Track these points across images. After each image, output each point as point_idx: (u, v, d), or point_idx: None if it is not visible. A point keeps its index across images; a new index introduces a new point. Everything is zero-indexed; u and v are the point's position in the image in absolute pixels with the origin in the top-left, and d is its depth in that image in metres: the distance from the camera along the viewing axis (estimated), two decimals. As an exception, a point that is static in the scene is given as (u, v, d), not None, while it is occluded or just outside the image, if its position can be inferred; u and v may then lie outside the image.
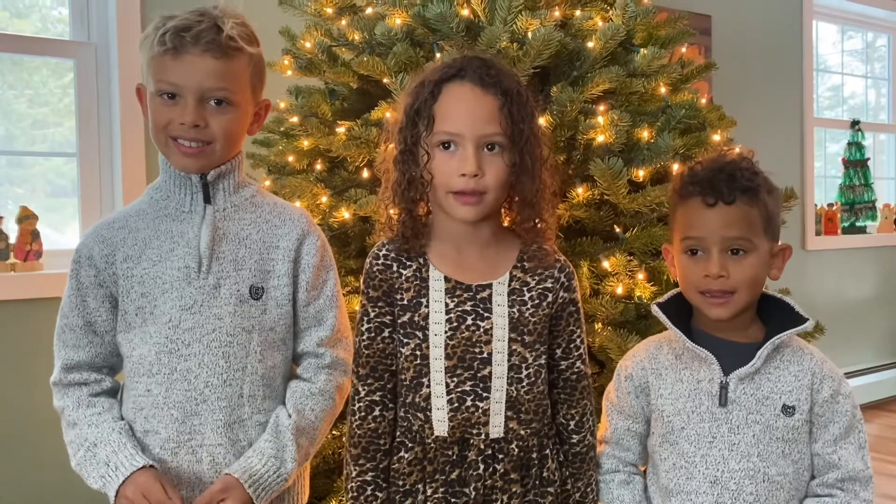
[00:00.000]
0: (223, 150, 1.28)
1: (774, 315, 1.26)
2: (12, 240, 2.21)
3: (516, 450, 1.23)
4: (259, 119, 1.36)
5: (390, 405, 1.25)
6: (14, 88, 2.38)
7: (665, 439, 1.25)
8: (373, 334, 1.25)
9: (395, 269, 1.24)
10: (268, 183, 1.94)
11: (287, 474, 1.26)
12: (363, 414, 1.25)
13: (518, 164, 1.20)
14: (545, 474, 1.25)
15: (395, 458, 1.24)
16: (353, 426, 1.26)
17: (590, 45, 1.77)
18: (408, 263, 1.24)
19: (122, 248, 1.28)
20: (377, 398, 1.25)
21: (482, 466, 1.21)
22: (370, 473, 1.24)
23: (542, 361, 1.25)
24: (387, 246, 1.26)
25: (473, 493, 1.20)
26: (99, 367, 1.30)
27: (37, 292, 2.17)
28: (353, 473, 1.25)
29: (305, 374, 1.35)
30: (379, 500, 1.24)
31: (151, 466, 1.20)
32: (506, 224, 1.30)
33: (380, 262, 1.25)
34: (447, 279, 1.23)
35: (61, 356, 1.29)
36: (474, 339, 1.22)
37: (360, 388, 1.25)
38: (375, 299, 1.25)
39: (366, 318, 1.26)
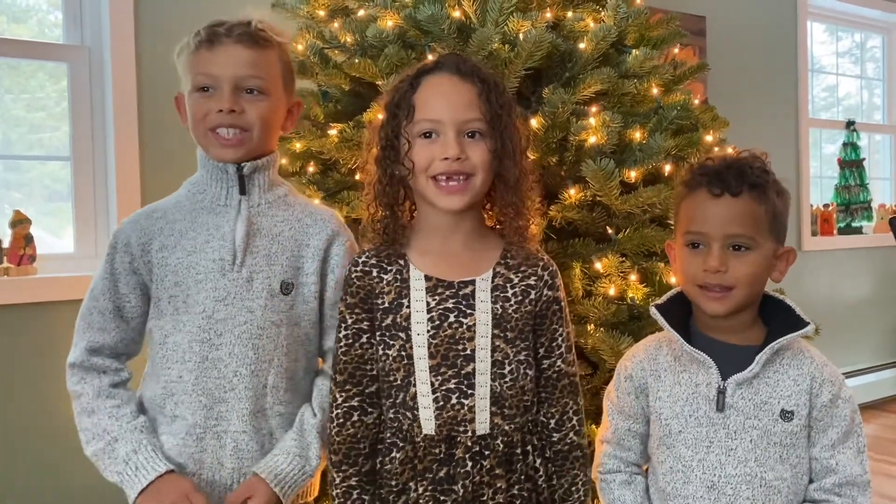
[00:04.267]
0: (260, 139, 1.33)
1: (776, 317, 1.25)
2: (6, 244, 2.20)
3: (501, 445, 1.23)
4: (292, 117, 1.41)
5: (370, 409, 1.27)
6: (10, 93, 2.38)
7: (662, 442, 1.25)
8: (350, 341, 1.27)
9: (374, 274, 1.26)
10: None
11: (312, 471, 1.31)
12: (342, 420, 1.26)
13: (500, 149, 1.22)
14: (527, 469, 1.25)
15: (388, 458, 1.25)
16: (332, 433, 1.27)
17: (581, 46, 1.77)
18: (388, 267, 1.26)
19: (159, 238, 1.32)
20: (355, 404, 1.26)
21: (470, 463, 1.22)
22: (354, 478, 1.25)
23: (523, 357, 1.26)
24: (366, 253, 1.28)
25: (461, 490, 1.21)
26: (120, 353, 1.34)
27: (30, 297, 2.16)
28: (338, 480, 1.26)
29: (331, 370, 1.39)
30: (366, 503, 1.25)
31: (171, 471, 1.24)
32: (489, 224, 1.31)
33: (358, 268, 1.27)
34: (428, 278, 1.24)
35: (86, 337, 1.31)
36: (457, 337, 1.23)
37: (338, 395, 1.27)
38: (352, 306, 1.27)
39: (343, 325, 1.28)
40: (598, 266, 1.67)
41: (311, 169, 1.91)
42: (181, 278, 1.30)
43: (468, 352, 1.22)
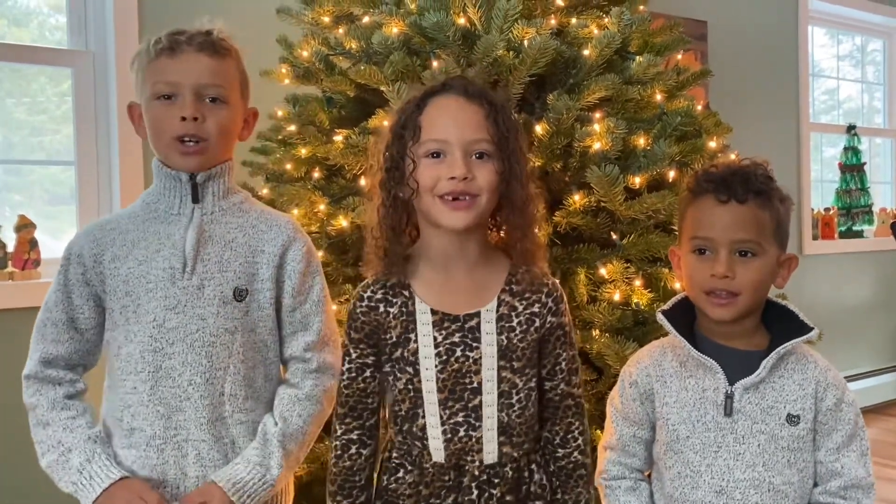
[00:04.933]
0: (218, 147, 1.33)
1: (779, 323, 1.25)
2: (10, 248, 2.21)
3: (510, 472, 1.23)
4: (248, 126, 1.41)
5: (368, 442, 1.27)
6: (12, 96, 2.39)
7: (670, 447, 1.25)
8: (353, 374, 1.26)
9: (381, 309, 1.24)
10: (265, 191, 1.95)
11: (273, 480, 1.29)
12: (339, 452, 1.26)
13: (507, 171, 1.20)
14: (533, 489, 1.26)
15: (394, 477, 1.25)
16: (331, 464, 1.28)
17: (585, 52, 1.77)
18: (393, 300, 1.24)
19: (111, 249, 1.31)
20: (354, 437, 1.26)
21: (476, 492, 1.22)
22: None
23: (534, 384, 1.25)
24: (371, 287, 1.26)
25: None
26: (75, 364, 1.34)
27: (35, 301, 2.13)
28: None
29: (293, 378, 1.37)
30: None
31: (125, 478, 1.25)
32: (495, 243, 1.29)
33: (364, 304, 1.25)
34: (434, 312, 1.23)
35: (39, 349, 1.33)
36: (464, 370, 1.22)
37: (338, 427, 1.27)
38: (357, 341, 1.26)
39: (347, 359, 1.27)
40: (603, 272, 1.67)
41: (316, 174, 1.91)
42: (132, 288, 1.29)
43: (475, 384, 1.22)
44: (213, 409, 1.29)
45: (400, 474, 1.24)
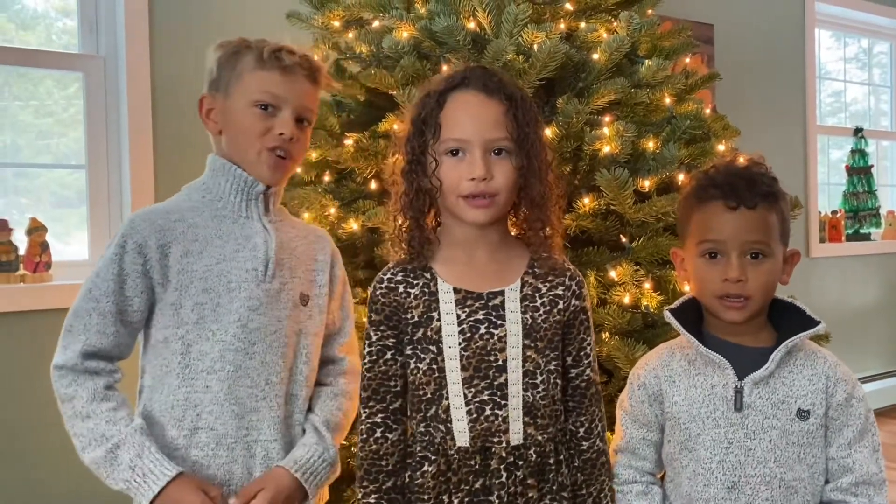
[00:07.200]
0: (295, 167, 1.41)
1: (785, 319, 1.26)
2: (22, 251, 2.22)
3: (534, 455, 1.23)
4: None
5: (394, 426, 1.27)
6: (20, 99, 2.40)
7: (684, 446, 1.25)
8: (374, 357, 1.27)
9: (401, 290, 1.25)
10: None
11: (332, 459, 1.35)
12: (365, 437, 1.27)
13: (526, 167, 1.22)
14: (560, 479, 1.26)
15: (419, 472, 1.24)
16: (357, 448, 1.29)
17: (595, 56, 1.78)
18: (414, 282, 1.25)
19: (182, 243, 1.30)
20: (378, 420, 1.26)
21: (504, 474, 1.22)
22: (374, 496, 1.25)
23: (553, 367, 1.26)
24: (392, 269, 1.27)
25: (497, 500, 1.21)
26: (116, 357, 1.31)
27: (46, 303, 2.18)
28: (360, 495, 1.27)
29: (326, 378, 1.43)
30: None
31: (181, 474, 1.23)
32: (514, 233, 1.31)
33: (384, 285, 1.27)
34: (456, 290, 1.24)
35: (81, 340, 1.26)
36: (488, 348, 1.23)
37: (363, 411, 1.28)
38: (377, 323, 1.27)
39: (368, 342, 1.28)
40: (613, 274, 1.68)
41: (326, 178, 1.93)
42: (211, 286, 1.29)
43: (500, 363, 1.23)
44: (283, 408, 1.34)
45: (425, 467, 1.24)
